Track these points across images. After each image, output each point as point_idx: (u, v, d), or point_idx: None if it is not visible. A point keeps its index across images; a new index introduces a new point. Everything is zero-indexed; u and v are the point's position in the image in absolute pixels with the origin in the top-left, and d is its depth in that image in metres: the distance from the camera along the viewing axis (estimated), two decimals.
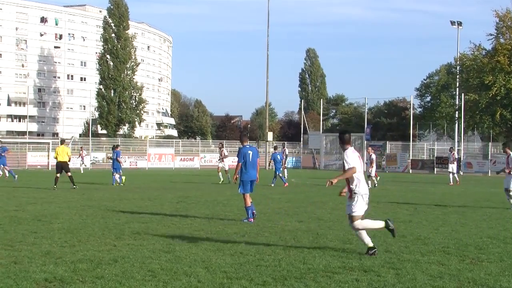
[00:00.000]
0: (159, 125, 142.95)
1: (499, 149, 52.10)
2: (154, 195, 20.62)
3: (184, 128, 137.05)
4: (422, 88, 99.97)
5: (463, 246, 9.99)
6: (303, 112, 66.80)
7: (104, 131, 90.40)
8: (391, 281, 7.34)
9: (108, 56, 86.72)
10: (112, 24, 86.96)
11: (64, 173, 23.40)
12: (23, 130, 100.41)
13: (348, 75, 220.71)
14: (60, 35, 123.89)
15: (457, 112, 57.90)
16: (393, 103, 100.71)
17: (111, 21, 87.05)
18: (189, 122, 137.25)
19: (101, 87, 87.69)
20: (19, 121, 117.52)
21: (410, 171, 49.11)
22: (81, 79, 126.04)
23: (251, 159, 13.42)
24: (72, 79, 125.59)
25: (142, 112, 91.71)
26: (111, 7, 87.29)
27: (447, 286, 7.11)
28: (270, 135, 59.42)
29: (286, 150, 34.75)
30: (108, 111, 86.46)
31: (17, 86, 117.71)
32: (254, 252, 9.18)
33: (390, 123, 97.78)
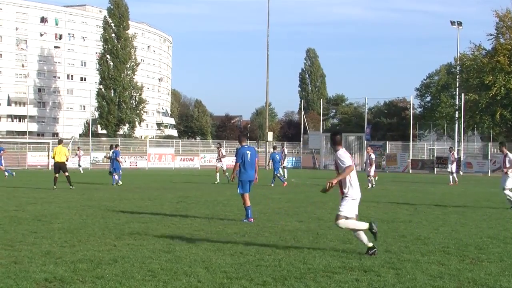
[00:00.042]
0: (159, 125, 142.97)
1: (499, 149, 52.10)
2: (154, 195, 20.62)
3: (184, 128, 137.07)
4: (422, 88, 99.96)
5: (463, 246, 9.99)
6: (303, 112, 66.81)
7: (104, 131, 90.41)
8: (391, 281, 7.34)
9: (108, 56, 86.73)
10: (112, 24, 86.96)
11: (62, 172, 23.42)
12: (23, 130, 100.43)
13: (348, 75, 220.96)
14: (60, 35, 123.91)
15: (457, 112, 57.91)
16: (393, 103, 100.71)
17: (111, 21, 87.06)
18: (189, 122, 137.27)
19: (101, 87, 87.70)
20: (19, 121, 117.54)
21: (410, 171, 49.12)
22: (81, 79, 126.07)
23: (249, 159, 13.49)
24: (72, 79, 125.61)
25: (142, 112, 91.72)
26: (111, 7, 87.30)
27: (447, 286, 7.11)
28: (270, 135, 59.42)
29: (285, 150, 34.74)
30: (108, 111, 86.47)
31: (17, 86, 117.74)
32: (254, 252, 9.18)
33: (390, 123, 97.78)
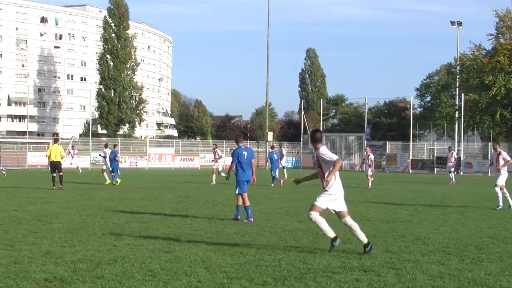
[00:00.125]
0: (159, 125, 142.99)
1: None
2: (154, 195, 20.62)
3: (184, 128, 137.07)
4: (422, 88, 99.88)
5: (463, 246, 9.99)
6: (303, 112, 66.77)
7: (104, 131, 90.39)
8: (391, 281, 7.34)
9: (108, 56, 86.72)
10: (112, 24, 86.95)
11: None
12: (23, 130, 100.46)
13: (348, 75, 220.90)
14: (60, 35, 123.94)
15: (457, 112, 57.90)
16: (393, 103, 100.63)
17: (111, 21, 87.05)
18: (189, 122, 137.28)
19: (101, 87, 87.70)
20: (19, 121, 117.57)
21: (410, 171, 49.10)
22: (81, 79, 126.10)
23: (246, 159, 13.57)
24: (72, 79, 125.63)
25: (142, 112, 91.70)
26: (111, 7, 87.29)
27: (447, 286, 7.11)
28: (270, 135, 59.45)
29: (283, 150, 34.68)
30: (108, 111, 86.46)
31: (17, 86, 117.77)
32: (254, 252, 9.18)
33: (390, 123, 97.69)
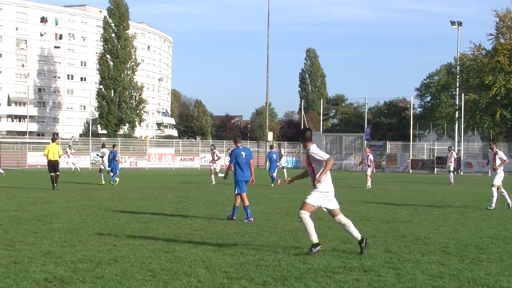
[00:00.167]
0: (159, 125, 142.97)
1: (499, 149, 51.98)
2: (154, 195, 20.63)
3: (184, 128, 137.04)
4: (422, 88, 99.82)
5: (463, 246, 10.00)
6: (303, 112, 66.79)
7: (104, 131, 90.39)
8: (391, 281, 7.34)
9: (108, 56, 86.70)
10: (112, 24, 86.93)
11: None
12: (23, 130, 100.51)
13: (348, 75, 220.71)
14: (60, 35, 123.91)
15: (457, 112, 57.90)
16: (393, 103, 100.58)
17: (111, 21, 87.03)
18: (189, 122, 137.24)
19: (101, 87, 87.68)
20: (19, 121, 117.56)
21: (410, 171, 49.12)
22: (81, 79, 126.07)
23: (244, 159, 13.63)
24: (72, 79, 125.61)
25: (142, 112, 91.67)
26: (111, 7, 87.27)
27: (447, 286, 7.11)
28: (270, 135, 59.48)
29: (281, 150, 34.66)
30: (108, 111, 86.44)
31: (17, 86, 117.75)
32: (254, 252, 9.18)
33: (390, 123, 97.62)
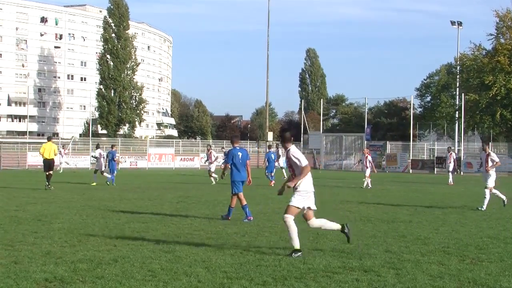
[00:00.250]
0: (159, 125, 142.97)
1: (499, 149, 52.12)
2: (154, 195, 20.63)
3: (184, 128, 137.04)
4: (422, 88, 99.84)
5: (463, 246, 10.00)
6: (303, 112, 66.82)
7: (104, 131, 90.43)
8: (391, 281, 7.34)
9: (108, 56, 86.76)
10: (112, 24, 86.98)
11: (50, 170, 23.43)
12: (23, 130, 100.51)
13: (348, 75, 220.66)
14: (60, 35, 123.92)
15: (457, 112, 57.91)
16: (393, 103, 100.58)
17: (111, 21, 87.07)
18: (189, 122, 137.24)
19: (101, 87, 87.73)
20: (19, 121, 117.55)
21: (410, 171, 49.11)
22: (81, 79, 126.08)
23: (240, 160, 13.65)
24: (72, 79, 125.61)
25: (142, 112, 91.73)
26: (111, 7, 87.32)
27: (447, 286, 7.12)
28: (270, 135, 59.45)
29: (279, 150, 34.65)
30: (108, 111, 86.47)
31: (17, 86, 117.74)
32: (254, 252, 9.18)
33: (390, 123, 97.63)
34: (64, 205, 16.59)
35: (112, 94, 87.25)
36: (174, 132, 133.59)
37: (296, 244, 8.93)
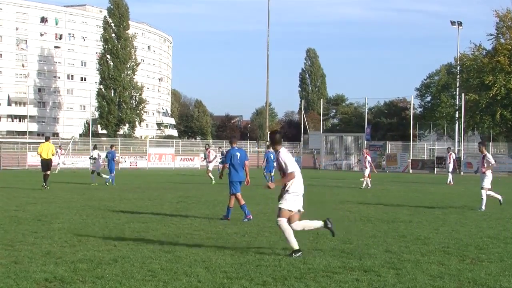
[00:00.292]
0: (159, 125, 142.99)
1: (499, 149, 52.17)
2: (154, 195, 20.62)
3: (184, 128, 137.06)
4: (422, 88, 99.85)
5: (463, 246, 10.00)
6: (303, 112, 66.82)
7: (104, 131, 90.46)
8: (391, 281, 7.34)
9: (108, 56, 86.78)
10: (112, 24, 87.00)
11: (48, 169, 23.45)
12: (23, 130, 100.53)
13: (348, 75, 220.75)
14: (60, 35, 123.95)
15: (457, 112, 57.91)
16: (393, 103, 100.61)
17: (111, 21, 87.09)
18: (189, 122, 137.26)
19: (101, 87, 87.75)
20: (19, 121, 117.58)
21: (410, 171, 49.10)
22: (81, 79, 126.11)
23: (238, 160, 13.66)
24: (72, 79, 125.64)
25: (142, 112, 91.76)
26: (111, 7, 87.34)
27: (447, 286, 7.11)
28: None
29: None
30: (108, 111, 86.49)
31: (17, 86, 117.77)
32: (254, 252, 9.18)
33: (390, 123, 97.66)
34: (64, 205, 16.58)
35: (112, 94, 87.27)
36: (174, 132, 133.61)
37: (295, 245, 8.93)
